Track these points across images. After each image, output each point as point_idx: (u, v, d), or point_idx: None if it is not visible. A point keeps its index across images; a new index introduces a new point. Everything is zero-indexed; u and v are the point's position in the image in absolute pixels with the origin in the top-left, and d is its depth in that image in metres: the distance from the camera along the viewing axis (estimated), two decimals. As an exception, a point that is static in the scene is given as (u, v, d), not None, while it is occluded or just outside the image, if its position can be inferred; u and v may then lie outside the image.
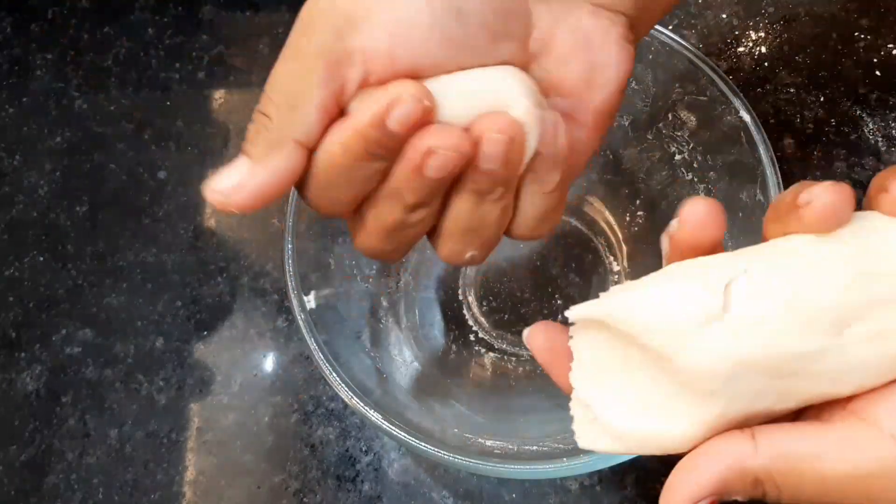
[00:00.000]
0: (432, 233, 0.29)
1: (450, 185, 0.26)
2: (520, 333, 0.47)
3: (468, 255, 0.29)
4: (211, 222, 0.52)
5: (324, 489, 0.45)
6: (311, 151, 0.25)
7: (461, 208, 0.27)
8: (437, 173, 0.25)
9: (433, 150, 0.24)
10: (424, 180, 0.25)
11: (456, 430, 0.42)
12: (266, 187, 0.25)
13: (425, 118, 0.24)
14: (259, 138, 0.25)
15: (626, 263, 0.48)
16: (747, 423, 0.22)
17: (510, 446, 0.40)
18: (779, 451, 0.21)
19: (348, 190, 0.26)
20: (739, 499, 0.22)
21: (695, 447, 0.23)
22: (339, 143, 0.25)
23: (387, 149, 0.25)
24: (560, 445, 0.39)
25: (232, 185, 0.25)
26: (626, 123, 0.47)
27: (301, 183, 0.26)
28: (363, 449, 0.46)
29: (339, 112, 0.25)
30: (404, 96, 0.24)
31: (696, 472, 0.22)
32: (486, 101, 0.25)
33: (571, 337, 0.25)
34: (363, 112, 0.24)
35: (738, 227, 0.40)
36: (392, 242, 0.28)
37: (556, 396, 0.44)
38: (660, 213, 0.47)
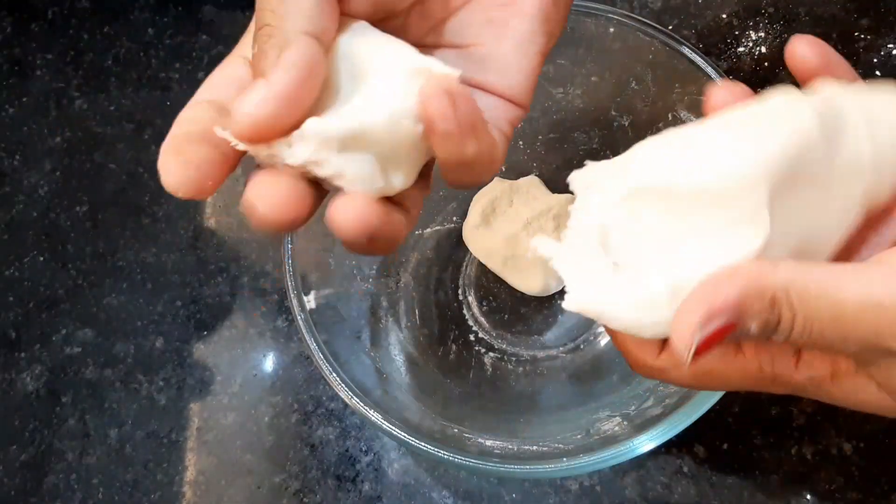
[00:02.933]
0: None
1: None
2: (520, 333, 0.48)
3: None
4: (211, 222, 0.52)
5: (324, 489, 0.45)
6: (324, 44, 0.23)
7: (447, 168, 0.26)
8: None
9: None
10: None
11: (456, 430, 0.42)
12: (292, 87, 0.22)
13: None
14: (267, 50, 0.22)
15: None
16: None
17: (510, 446, 0.40)
18: (798, 271, 0.22)
19: None
20: (754, 327, 0.22)
21: None
22: None
23: None
24: (560, 445, 0.39)
25: (256, 101, 0.21)
26: (626, 123, 0.47)
27: None
28: (363, 449, 0.46)
29: None
30: None
31: (716, 289, 0.22)
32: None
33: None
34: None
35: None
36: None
37: (555, 396, 0.44)
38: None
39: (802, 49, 0.26)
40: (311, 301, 0.40)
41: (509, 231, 0.47)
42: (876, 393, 0.24)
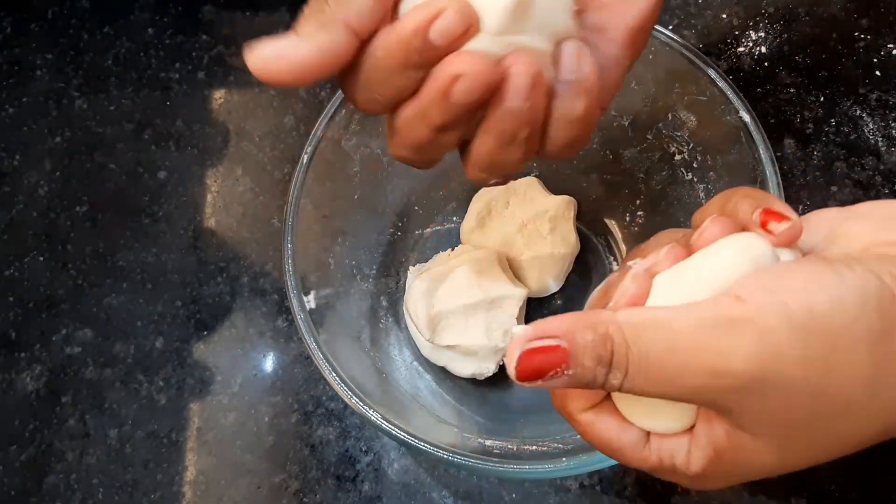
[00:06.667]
0: (462, 150, 0.29)
1: (478, 113, 0.27)
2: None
3: (492, 181, 0.30)
4: (211, 222, 0.52)
5: (324, 489, 0.45)
6: (360, 41, 0.25)
7: (488, 146, 0.28)
8: (462, 98, 0.25)
9: (460, 75, 0.25)
10: (450, 104, 0.26)
11: (456, 430, 0.42)
12: (308, 61, 0.25)
13: (466, 34, 0.25)
14: (311, 19, 0.25)
15: (626, 263, 0.48)
16: None
17: (510, 446, 0.40)
18: (636, 311, 0.23)
19: (385, 92, 0.27)
20: (588, 360, 0.22)
21: None
22: (382, 46, 0.25)
23: (425, 60, 0.25)
24: (560, 445, 0.39)
25: (274, 53, 0.25)
26: (626, 123, 0.47)
27: (343, 76, 0.27)
28: (363, 449, 0.46)
29: (394, 7, 0.26)
30: (449, 10, 0.24)
31: (552, 319, 0.23)
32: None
33: None
34: (408, 19, 0.25)
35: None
36: (421, 155, 0.29)
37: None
38: (660, 213, 0.47)
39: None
40: (311, 301, 0.40)
41: (505, 233, 0.47)
42: (755, 447, 0.23)
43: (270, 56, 0.25)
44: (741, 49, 0.54)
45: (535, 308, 0.48)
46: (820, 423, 0.22)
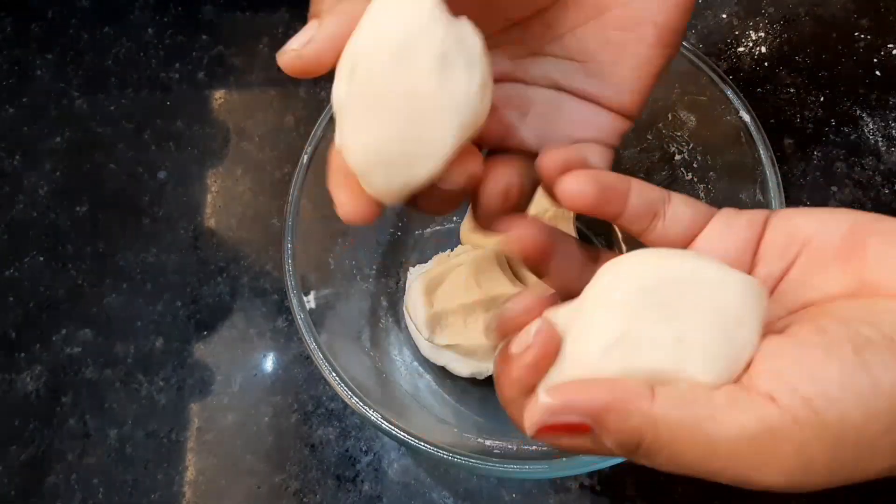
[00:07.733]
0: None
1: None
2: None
3: None
4: (211, 222, 0.52)
5: (324, 489, 0.45)
6: None
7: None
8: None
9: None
10: None
11: (456, 430, 0.42)
12: (337, 36, 0.24)
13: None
14: None
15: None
16: None
17: (510, 446, 0.40)
18: (675, 405, 0.21)
19: None
20: (610, 443, 0.21)
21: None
22: None
23: None
24: (560, 445, 0.39)
25: (302, 41, 0.25)
26: (626, 123, 0.47)
27: None
28: (363, 449, 0.46)
29: None
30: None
31: (587, 388, 0.22)
32: None
33: None
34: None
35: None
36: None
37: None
38: (660, 213, 0.47)
39: (573, 186, 0.26)
40: (311, 301, 0.40)
41: (506, 232, 0.47)
42: None
43: (301, 44, 0.24)
44: (741, 49, 0.54)
45: (535, 308, 0.48)
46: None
